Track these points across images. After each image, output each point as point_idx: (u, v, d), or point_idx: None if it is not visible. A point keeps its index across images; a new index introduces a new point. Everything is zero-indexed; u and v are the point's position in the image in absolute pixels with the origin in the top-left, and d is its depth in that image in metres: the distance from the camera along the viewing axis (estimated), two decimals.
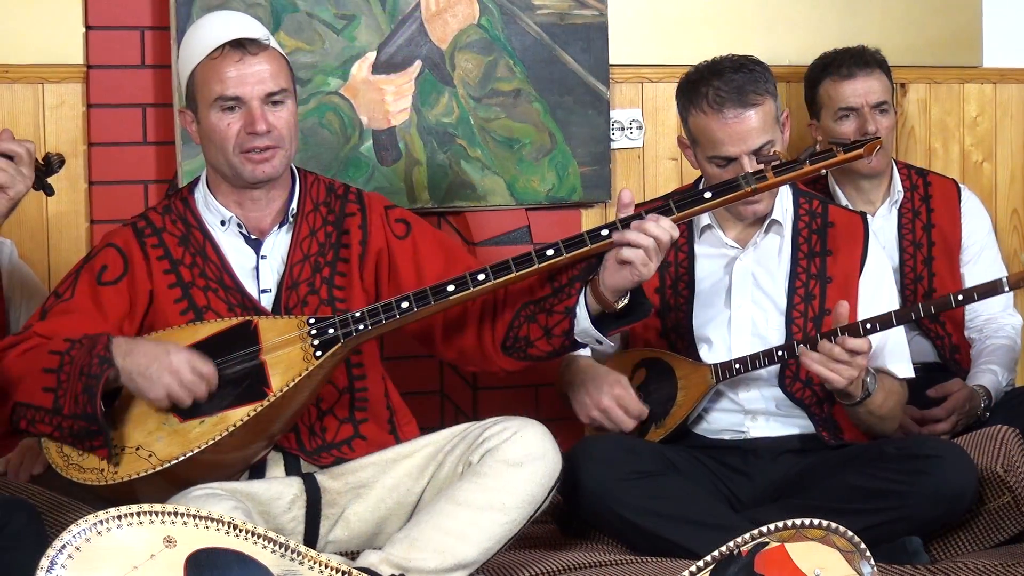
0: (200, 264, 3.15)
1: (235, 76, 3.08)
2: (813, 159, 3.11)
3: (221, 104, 3.09)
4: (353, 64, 4.01)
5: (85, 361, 2.90)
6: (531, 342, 3.13)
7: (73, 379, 2.89)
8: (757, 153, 3.33)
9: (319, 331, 3.02)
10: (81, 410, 2.87)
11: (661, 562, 3.19)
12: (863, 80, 4.06)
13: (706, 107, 3.36)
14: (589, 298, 3.06)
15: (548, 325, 3.10)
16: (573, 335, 3.09)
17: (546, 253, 3.04)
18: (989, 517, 3.34)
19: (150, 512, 2.51)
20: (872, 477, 3.25)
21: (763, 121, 3.35)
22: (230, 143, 3.10)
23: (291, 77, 3.17)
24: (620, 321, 3.10)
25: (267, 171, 3.12)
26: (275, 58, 3.12)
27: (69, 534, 2.45)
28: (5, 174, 2.97)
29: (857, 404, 3.33)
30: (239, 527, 2.57)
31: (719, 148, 3.37)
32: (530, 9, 4.15)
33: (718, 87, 3.35)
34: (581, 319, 3.06)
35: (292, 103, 3.15)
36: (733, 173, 3.28)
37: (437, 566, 2.88)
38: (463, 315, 3.19)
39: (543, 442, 3.01)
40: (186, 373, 2.92)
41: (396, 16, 4.04)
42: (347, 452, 3.14)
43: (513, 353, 3.17)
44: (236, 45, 3.09)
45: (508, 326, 3.15)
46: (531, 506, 2.97)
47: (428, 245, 3.25)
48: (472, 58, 4.11)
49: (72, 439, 2.93)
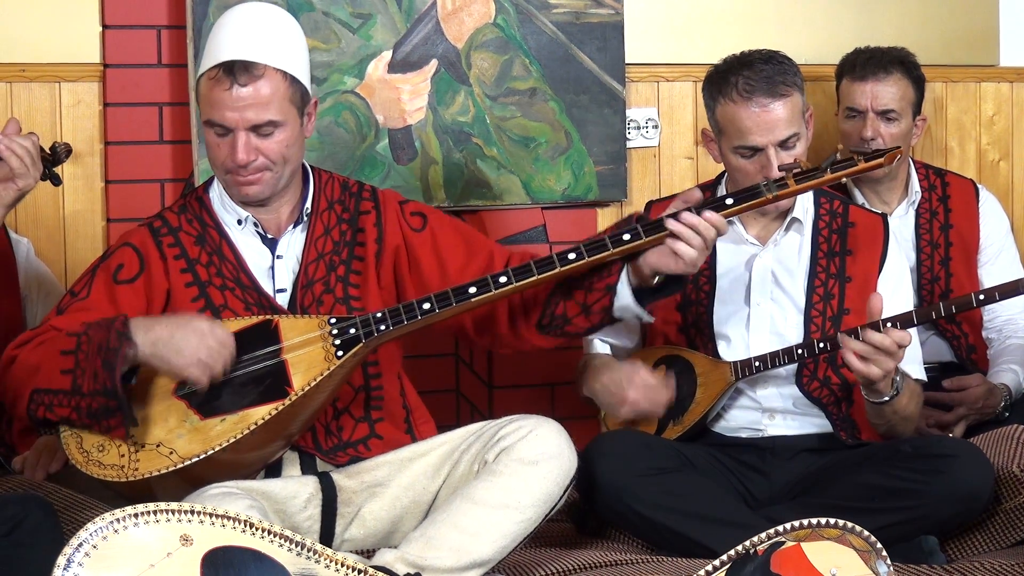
0: (217, 263, 3.16)
1: (222, 104, 3.03)
2: (834, 167, 3.14)
3: (210, 125, 3.08)
4: (369, 63, 4.01)
5: (103, 337, 2.90)
6: (568, 319, 3.14)
7: (92, 356, 2.89)
8: (783, 145, 3.35)
9: (340, 331, 3.03)
10: (100, 385, 2.87)
11: (677, 561, 3.19)
12: (874, 84, 4.05)
13: (736, 96, 3.37)
14: (628, 275, 3.07)
15: (587, 302, 3.10)
16: (612, 312, 3.10)
17: (568, 257, 3.05)
18: (1005, 517, 3.33)
19: (167, 510, 2.51)
20: (888, 476, 3.24)
21: (790, 113, 3.36)
22: (218, 162, 3.10)
23: (294, 97, 3.08)
24: (657, 295, 3.12)
25: (251, 193, 3.11)
26: (271, 83, 3.04)
27: (86, 532, 2.45)
28: (20, 163, 3.01)
29: (885, 402, 3.31)
30: (255, 525, 2.57)
31: (746, 137, 3.37)
32: (546, 8, 4.15)
33: (748, 76, 3.37)
34: (623, 295, 3.07)
35: (288, 128, 3.07)
36: (758, 165, 3.33)
37: (453, 565, 2.87)
38: (494, 305, 3.18)
39: (559, 440, 3.00)
40: (210, 338, 2.92)
41: (412, 15, 4.04)
42: (363, 451, 3.14)
43: (549, 331, 3.17)
44: (228, 71, 3.03)
45: (543, 305, 3.15)
46: (547, 504, 2.96)
47: (447, 234, 3.25)
48: (488, 57, 4.11)
49: (90, 419, 2.92)
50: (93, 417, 2.92)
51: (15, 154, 3.03)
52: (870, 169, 3.18)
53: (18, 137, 3.05)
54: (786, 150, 3.36)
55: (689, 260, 3.01)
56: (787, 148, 3.35)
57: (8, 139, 3.04)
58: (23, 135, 3.07)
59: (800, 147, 3.39)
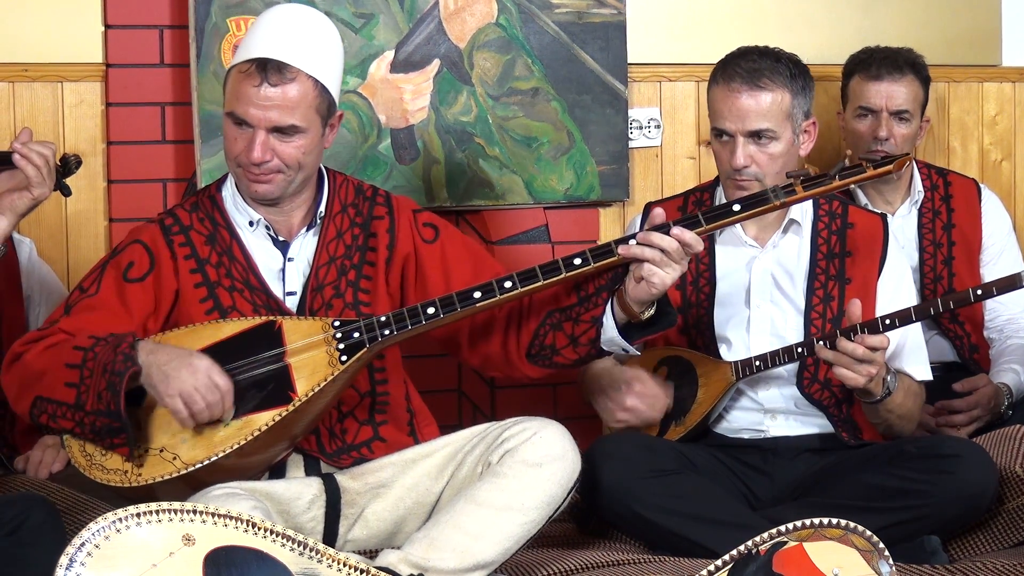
0: (227, 264, 3.13)
1: (248, 100, 3.01)
2: (843, 174, 3.15)
3: (232, 117, 3.06)
4: (371, 63, 4.01)
5: (109, 358, 2.88)
6: (557, 350, 3.13)
7: (97, 375, 2.88)
8: (755, 138, 3.37)
9: (344, 335, 3.01)
10: (104, 407, 2.86)
11: (679, 561, 3.18)
12: (888, 84, 4.05)
13: (720, 78, 3.45)
14: (616, 307, 3.06)
15: (575, 334, 3.10)
16: (599, 344, 3.08)
17: (573, 262, 3.04)
18: (1008, 517, 3.33)
19: (169, 510, 2.51)
20: (891, 476, 3.24)
21: (767, 108, 3.38)
22: (232, 155, 3.09)
23: (320, 106, 3.06)
24: (646, 330, 3.10)
25: (261, 192, 3.08)
26: (301, 88, 3.02)
27: (88, 531, 2.45)
28: (36, 171, 2.98)
29: (877, 402, 3.32)
30: (258, 525, 2.57)
31: (718, 119, 3.44)
32: (548, 8, 4.14)
33: (737, 63, 3.43)
34: (608, 328, 3.06)
35: (309, 135, 3.05)
36: (729, 152, 3.39)
37: (456, 566, 2.87)
38: (489, 322, 3.18)
39: (562, 442, 3.00)
40: (203, 377, 2.89)
41: (414, 15, 4.04)
42: (366, 454, 3.13)
43: (538, 361, 3.17)
44: (261, 68, 3.01)
45: (533, 334, 3.14)
46: (550, 506, 2.96)
47: (456, 250, 3.24)
48: (490, 57, 4.11)
49: (93, 435, 2.92)
50: (97, 434, 2.91)
51: (32, 163, 2.98)
52: (879, 176, 3.19)
53: (34, 145, 3.02)
54: (757, 145, 3.36)
55: (647, 274, 2.97)
56: (759, 143, 3.36)
57: (24, 147, 2.99)
58: (39, 143, 3.03)
59: (775, 147, 3.39)
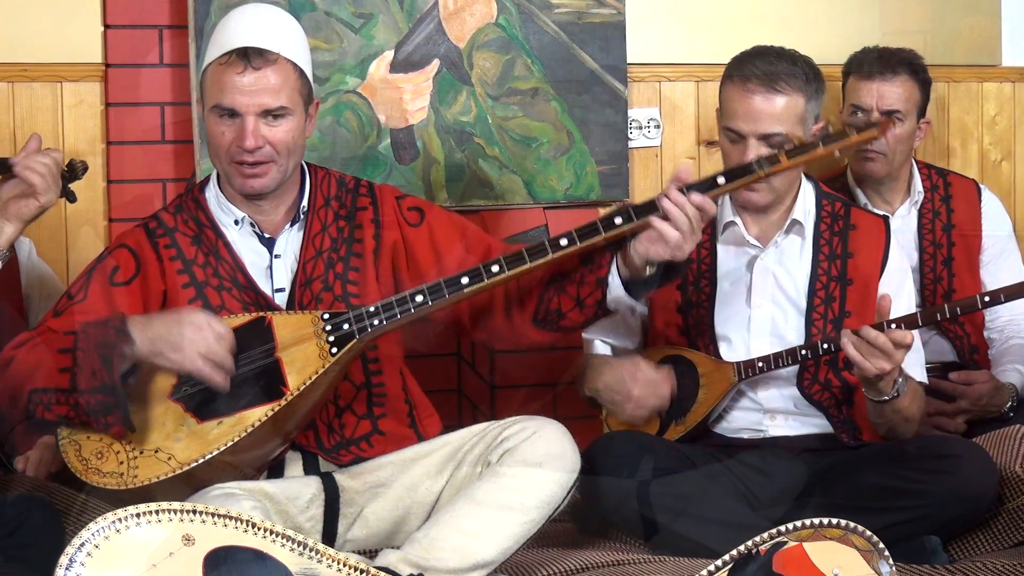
0: (213, 263, 3.14)
1: (234, 88, 3.03)
2: (826, 140, 3.12)
3: (218, 111, 3.06)
4: (371, 63, 4.01)
5: (101, 334, 2.89)
6: (563, 314, 3.14)
7: (89, 353, 2.88)
8: (767, 139, 3.35)
9: (334, 327, 3.02)
10: (99, 382, 2.86)
11: (678, 561, 3.19)
12: (879, 83, 4.05)
13: (735, 77, 3.43)
14: (620, 265, 3.06)
15: (580, 296, 3.10)
16: (606, 304, 3.09)
17: (560, 243, 3.04)
18: (1008, 517, 3.32)
19: (169, 510, 2.51)
20: (891, 476, 3.24)
21: (782, 111, 3.37)
22: (222, 151, 3.09)
23: (302, 90, 3.10)
24: (650, 286, 3.10)
25: (256, 186, 3.09)
26: (283, 71, 3.06)
27: (88, 532, 2.45)
28: (41, 180, 2.97)
29: (885, 402, 3.30)
30: (257, 525, 2.57)
31: (731, 120, 3.42)
32: (548, 8, 4.14)
33: (754, 63, 3.42)
34: (614, 287, 3.07)
35: (295, 118, 3.08)
36: (739, 154, 3.35)
37: (456, 566, 2.87)
38: (490, 297, 3.18)
39: (562, 442, 3.00)
40: (208, 332, 2.90)
41: (414, 15, 4.04)
42: (366, 448, 3.13)
43: (545, 326, 3.17)
44: (242, 55, 3.04)
45: (538, 300, 3.15)
46: (550, 506, 2.96)
47: (444, 229, 3.24)
48: (490, 57, 4.11)
49: (89, 416, 2.91)
50: (91, 414, 2.90)
51: (36, 172, 2.97)
52: (863, 141, 3.14)
53: (38, 155, 3.01)
54: (769, 147, 3.35)
55: (674, 242, 2.98)
56: (771, 145, 3.35)
57: (28, 158, 2.98)
58: (43, 151, 3.02)
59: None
